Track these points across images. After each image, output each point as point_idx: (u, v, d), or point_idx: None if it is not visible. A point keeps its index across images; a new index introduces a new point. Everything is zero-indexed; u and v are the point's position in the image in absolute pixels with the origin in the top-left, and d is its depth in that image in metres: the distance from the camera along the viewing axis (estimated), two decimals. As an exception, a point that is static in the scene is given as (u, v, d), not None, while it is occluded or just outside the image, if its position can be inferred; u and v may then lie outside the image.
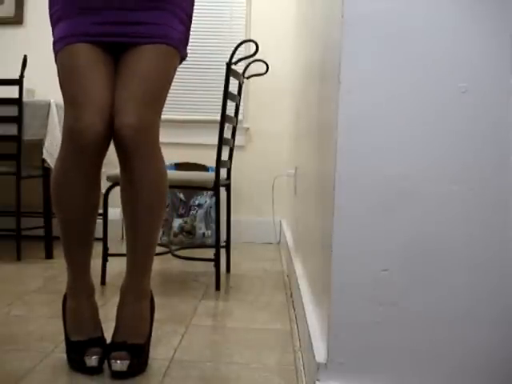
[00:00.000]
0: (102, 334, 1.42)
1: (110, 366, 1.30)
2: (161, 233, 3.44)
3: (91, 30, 1.36)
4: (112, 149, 1.39)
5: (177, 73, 1.47)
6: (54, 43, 1.41)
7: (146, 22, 1.37)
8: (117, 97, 1.35)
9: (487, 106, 1.00)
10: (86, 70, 1.34)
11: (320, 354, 1.08)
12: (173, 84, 1.46)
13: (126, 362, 1.29)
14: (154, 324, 1.46)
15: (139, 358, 1.34)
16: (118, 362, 1.29)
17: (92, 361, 1.31)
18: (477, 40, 1.00)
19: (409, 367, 1.04)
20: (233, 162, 2.57)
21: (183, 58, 1.51)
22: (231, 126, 2.54)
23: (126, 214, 1.41)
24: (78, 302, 1.43)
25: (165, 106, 1.44)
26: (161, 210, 1.43)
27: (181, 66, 1.50)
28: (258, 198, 3.51)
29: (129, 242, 1.42)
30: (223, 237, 2.52)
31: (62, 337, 1.44)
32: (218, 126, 2.23)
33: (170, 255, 2.57)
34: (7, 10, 3.51)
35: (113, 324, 1.41)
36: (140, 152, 1.34)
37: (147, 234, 1.42)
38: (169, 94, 1.45)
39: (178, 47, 1.43)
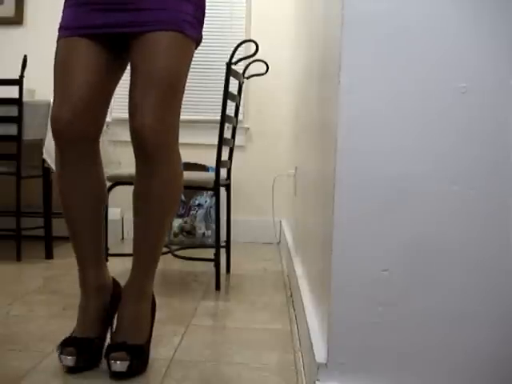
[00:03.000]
0: (103, 336, 1.41)
1: (109, 366, 1.30)
2: (161, 233, 3.43)
3: (90, 22, 1.33)
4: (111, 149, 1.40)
5: None
6: (58, 29, 1.39)
7: (151, 8, 1.30)
8: (132, 96, 1.33)
9: (487, 106, 1.00)
10: (72, 65, 1.34)
11: (320, 354, 1.08)
12: None
13: (126, 363, 1.29)
14: (155, 324, 1.46)
15: (139, 358, 1.33)
16: (118, 362, 1.29)
17: (68, 360, 1.31)
18: (477, 40, 1.00)
19: (409, 367, 1.04)
20: (233, 161, 2.57)
21: (198, 41, 1.43)
22: (231, 126, 2.54)
23: (138, 213, 1.41)
24: (86, 300, 1.42)
25: None
26: (172, 211, 1.44)
27: None
28: (258, 198, 3.51)
29: (136, 241, 1.42)
30: (223, 237, 2.52)
31: (62, 337, 1.43)
32: (218, 126, 2.23)
33: (170, 255, 2.57)
34: (7, 10, 3.51)
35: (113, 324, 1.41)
36: (158, 154, 1.33)
37: (156, 233, 1.41)
38: None
39: (190, 33, 1.35)
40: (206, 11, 1.45)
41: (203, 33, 1.46)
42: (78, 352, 1.32)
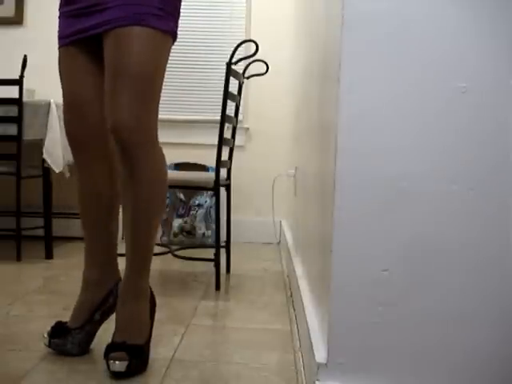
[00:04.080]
0: (87, 328, 1.46)
1: (108, 366, 1.30)
2: (161, 233, 3.44)
3: (67, 30, 1.39)
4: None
5: (177, 72, 1.44)
6: None
7: (115, 5, 1.29)
8: (105, 96, 1.34)
9: (487, 106, 1.00)
10: (64, 73, 1.43)
11: (320, 354, 1.08)
12: (173, 84, 1.43)
13: (125, 363, 1.29)
14: (154, 324, 1.46)
15: (138, 358, 1.33)
16: (117, 362, 1.29)
17: (44, 339, 1.45)
18: (477, 40, 1.00)
19: (408, 367, 1.04)
20: (233, 161, 2.57)
21: (173, 35, 1.38)
22: (231, 126, 2.55)
23: (125, 212, 1.41)
24: (82, 291, 1.49)
25: (166, 106, 1.42)
26: (159, 208, 1.42)
27: (181, 65, 1.43)
28: (258, 198, 3.51)
29: (127, 241, 1.42)
30: (223, 237, 2.52)
31: (62, 337, 1.45)
32: (218, 126, 2.23)
33: (170, 255, 2.57)
34: (7, 10, 3.51)
35: (113, 324, 1.41)
36: (136, 153, 1.32)
37: (144, 233, 1.40)
38: (169, 94, 1.43)
39: (157, 26, 1.30)
40: (206, 11, 1.45)
41: (203, 32, 1.46)
42: (51, 335, 1.45)
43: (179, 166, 3.39)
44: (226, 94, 2.22)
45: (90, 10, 1.33)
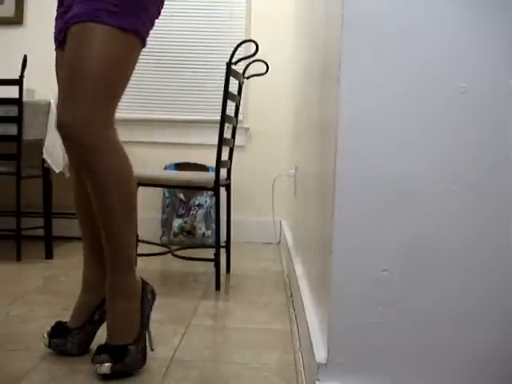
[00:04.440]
0: (87, 328, 1.46)
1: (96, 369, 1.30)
2: (161, 233, 3.44)
3: (54, 32, 1.42)
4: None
5: (177, 72, 1.43)
6: None
7: (75, 3, 1.28)
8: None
9: (487, 106, 1.01)
10: (57, 76, 1.46)
11: (320, 354, 1.08)
12: (173, 84, 1.42)
13: (109, 365, 1.28)
14: (154, 324, 1.46)
15: (122, 359, 1.30)
16: (103, 365, 1.28)
17: (43, 339, 1.46)
18: (477, 40, 1.00)
19: (408, 367, 1.04)
20: (233, 161, 2.57)
21: (136, 32, 1.31)
22: (231, 126, 2.55)
23: (95, 212, 1.36)
24: (81, 292, 1.49)
25: (166, 106, 1.40)
26: (127, 207, 1.34)
27: (181, 65, 1.41)
28: (258, 198, 3.51)
29: (104, 243, 1.37)
30: (223, 237, 2.52)
31: (62, 337, 1.44)
32: (218, 126, 2.23)
33: (170, 255, 2.57)
34: (7, 10, 3.51)
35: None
36: (84, 152, 1.28)
37: (114, 233, 1.34)
38: (169, 94, 1.42)
39: (110, 22, 1.25)
40: (206, 11, 1.45)
41: (202, 32, 1.45)
42: (51, 335, 1.45)
43: (179, 166, 3.39)
44: (226, 94, 2.22)
45: (64, 10, 1.37)
